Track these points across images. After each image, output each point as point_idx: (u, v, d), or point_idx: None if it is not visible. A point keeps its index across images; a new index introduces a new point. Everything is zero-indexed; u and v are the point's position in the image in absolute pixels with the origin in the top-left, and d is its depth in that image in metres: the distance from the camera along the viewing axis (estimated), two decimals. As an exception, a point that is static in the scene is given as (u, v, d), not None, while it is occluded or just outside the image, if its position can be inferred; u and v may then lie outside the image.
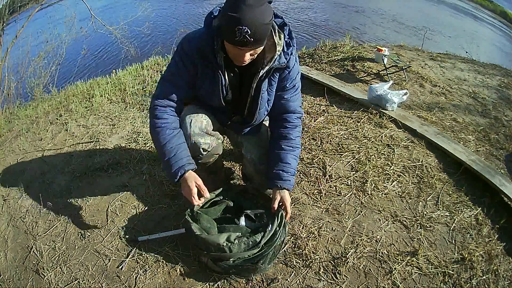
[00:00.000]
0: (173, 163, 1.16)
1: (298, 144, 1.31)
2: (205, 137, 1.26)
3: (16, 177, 1.94)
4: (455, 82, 3.02)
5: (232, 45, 1.01)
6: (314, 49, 3.74)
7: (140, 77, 3.27)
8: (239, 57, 1.05)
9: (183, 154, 1.18)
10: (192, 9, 10.52)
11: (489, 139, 2.23)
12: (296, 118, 1.31)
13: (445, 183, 1.75)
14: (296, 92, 1.28)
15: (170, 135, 1.18)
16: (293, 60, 1.19)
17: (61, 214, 1.61)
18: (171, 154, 1.16)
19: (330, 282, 1.27)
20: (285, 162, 1.26)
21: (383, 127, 2.15)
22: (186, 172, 1.17)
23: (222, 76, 1.15)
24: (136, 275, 1.31)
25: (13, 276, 1.36)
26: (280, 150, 1.28)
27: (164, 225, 1.50)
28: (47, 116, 2.67)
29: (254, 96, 1.21)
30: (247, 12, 0.93)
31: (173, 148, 1.17)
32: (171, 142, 1.18)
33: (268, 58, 1.13)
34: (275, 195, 1.27)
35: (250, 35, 0.95)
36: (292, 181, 1.28)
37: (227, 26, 0.97)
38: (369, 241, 1.42)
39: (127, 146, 2.10)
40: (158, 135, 1.18)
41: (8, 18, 4.78)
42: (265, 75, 1.16)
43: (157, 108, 1.21)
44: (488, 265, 1.36)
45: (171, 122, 1.21)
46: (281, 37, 1.12)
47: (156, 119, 1.19)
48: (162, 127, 1.18)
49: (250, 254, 1.22)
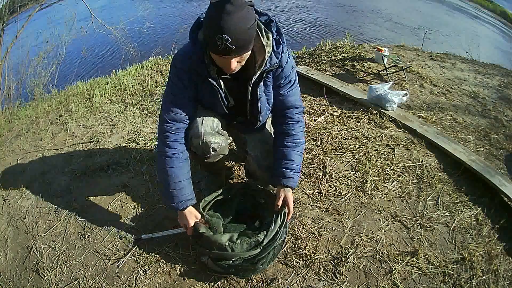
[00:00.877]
0: (177, 196, 1.22)
1: (301, 139, 1.30)
2: (216, 136, 1.27)
3: (16, 177, 1.94)
4: (455, 82, 3.02)
5: (216, 55, 1.00)
6: (314, 49, 3.74)
7: (140, 77, 3.27)
8: (226, 66, 1.04)
9: (188, 190, 1.25)
10: (192, 9, 10.51)
11: (489, 139, 2.23)
12: (297, 113, 1.30)
13: (445, 183, 1.75)
14: (292, 87, 1.26)
15: (179, 168, 1.22)
16: (285, 57, 1.17)
17: (61, 214, 1.62)
18: (177, 188, 1.22)
19: (330, 282, 1.27)
20: (288, 159, 1.25)
21: (383, 127, 2.15)
22: (187, 207, 1.25)
23: (219, 88, 1.15)
24: (136, 275, 1.31)
25: (13, 276, 1.37)
26: (283, 147, 1.27)
27: (165, 225, 1.50)
28: (47, 116, 2.67)
29: (252, 101, 1.21)
30: (226, 19, 0.91)
31: (180, 183, 1.22)
32: (179, 177, 1.22)
33: (259, 62, 1.12)
34: (279, 193, 1.28)
35: (232, 43, 0.93)
36: (296, 178, 1.27)
37: (209, 36, 0.96)
38: (369, 241, 1.42)
39: (127, 146, 2.10)
40: (167, 166, 1.21)
41: (8, 18, 4.77)
42: (258, 79, 1.15)
43: (168, 136, 1.21)
44: (488, 265, 1.36)
45: (181, 152, 1.23)
46: (269, 37, 1.10)
47: (168, 148, 1.21)
48: (172, 158, 1.21)
49: (252, 254, 1.22)
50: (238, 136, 1.51)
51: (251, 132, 1.40)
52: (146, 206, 1.62)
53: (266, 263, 1.26)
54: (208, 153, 1.27)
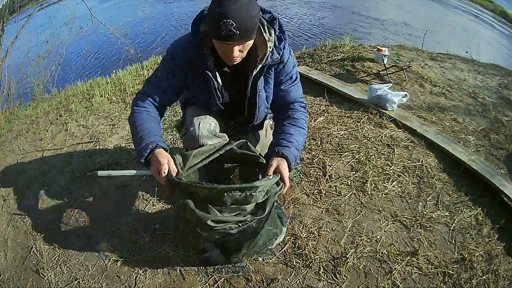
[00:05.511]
0: (145, 138, 1.08)
1: (302, 124, 1.22)
2: (213, 139, 1.26)
3: (16, 177, 1.94)
4: (455, 82, 3.02)
5: (219, 42, 1.00)
6: (314, 49, 3.75)
7: (140, 77, 3.27)
8: (228, 53, 1.03)
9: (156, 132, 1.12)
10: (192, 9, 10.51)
11: (489, 139, 2.23)
12: (300, 105, 1.26)
13: (445, 183, 1.75)
14: (293, 83, 1.24)
15: (147, 119, 1.16)
16: (287, 53, 1.17)
17: (61, 214, 1.61)
18: (145, 132, 1.10)
19: (330, 282, 1.27)
20: (287, 133, 1.16)
21: (383, 127, 2.15)
22: (156, 148, 1.07)
23: (214, 79, 1.14)
24: (136, 275, 1.31)
25: (13, 276, 1.36)
26: (283, 126, 1.20)
27: (165, 225, 1.50)
28: (47, 116, 2.67)
29: (251, 96, 1.20)
30: (231, 5, 0.93)
31: (148, 128, 1.12)
32: (147, 123, 1.13)
33: (261, 56, 1.12)
34: (271, 161, 1.11)
35: (236, 28, 0.94)
36: (293, 151, 1.12)
37: (213, 22, 0.96)
38: (369, 241, 1.42)
39: (127, 146, 2.10)
40: (135, 119, 1.15)
41: (8, 18, 4.77)
42: (259, 74, 1.15)
43: (137, 103, 1.20)
44: (488, 265, 1.36)
45: (151, 110, 1.19)
46: (271, 32, 1.11)
47: (136, 107, 1.19)
48: (141, 112, 1.17)
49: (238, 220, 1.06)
50: (235, 138, 1.50)
51: (247, 133, 1.39)
52: (146, 206, 1.62)
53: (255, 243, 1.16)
54: None
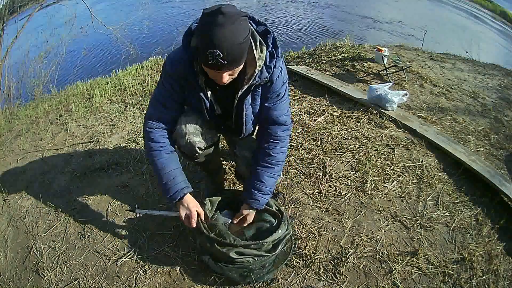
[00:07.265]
0: (172, 186, 1.19)
1: (279, 161, 1.24)
2: (199, 135, 1.25)
3: (16, 177, 1.94)
4: (455, 82, 3.02)
5: (208, 68, 0.98)
6: (314, 49, 3.75)
7: (140, 77, 3.27)
8: (218, 78, 1.01)
9: (180, 178, 1.21)
10: (192, 8, 10.51)
11: (489, 139, 2.23)
12: (281, 131, 1.23)
13: (445, 183, 1.75)
14: (280, 101, 1.20)
15: (167, 159, 1.20)
16: (277, 72, 1.12)
17: (61, 214, 1.62)
18: (169, 178, 1.19)
19: (330, 282, 1.27)
20: (259, 180, 1.23)
21: (383, 127, 2.15)
22: (185, 195, 1.20)
23: (205, 98, 1.14)
24: (136, 275, 1.31)
25: (13, 276, 1.37)
26: (258, 166, 1.24)
27: (165, 226, 1.50)
28: (47, 116, 2.67)
29: (238, 113, 1.20)
30: (218, 33, 0.87)
31: (171, 172, 1.19)
32: (169, 167, 1.20)
33: (249, 75, 1.07)
34: (241, 210, 1.29)
35: (223, 58, 0.90)
36: (263, 200, 1.25)
37: (200, 49, 0.92)
38: (369, 241, 1.42)
39: (127, 146, 2.10)
40: (155, 159, 1.20)
41: (8, 18, 4.78)
42: (245, 94, 1.13)
43: (152, 131, 1.21)
44: (488, 265, 1.36)
45: (166, 145, 1.22)
46: (263, 49, 1.05)
47: (152, 143, 1.20)
48: (159, 151, 1.20)
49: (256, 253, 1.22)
50: (228, 137, 1.50)
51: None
52: (146, 206, 1.62)
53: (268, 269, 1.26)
54: (195, 152, 1.26)
